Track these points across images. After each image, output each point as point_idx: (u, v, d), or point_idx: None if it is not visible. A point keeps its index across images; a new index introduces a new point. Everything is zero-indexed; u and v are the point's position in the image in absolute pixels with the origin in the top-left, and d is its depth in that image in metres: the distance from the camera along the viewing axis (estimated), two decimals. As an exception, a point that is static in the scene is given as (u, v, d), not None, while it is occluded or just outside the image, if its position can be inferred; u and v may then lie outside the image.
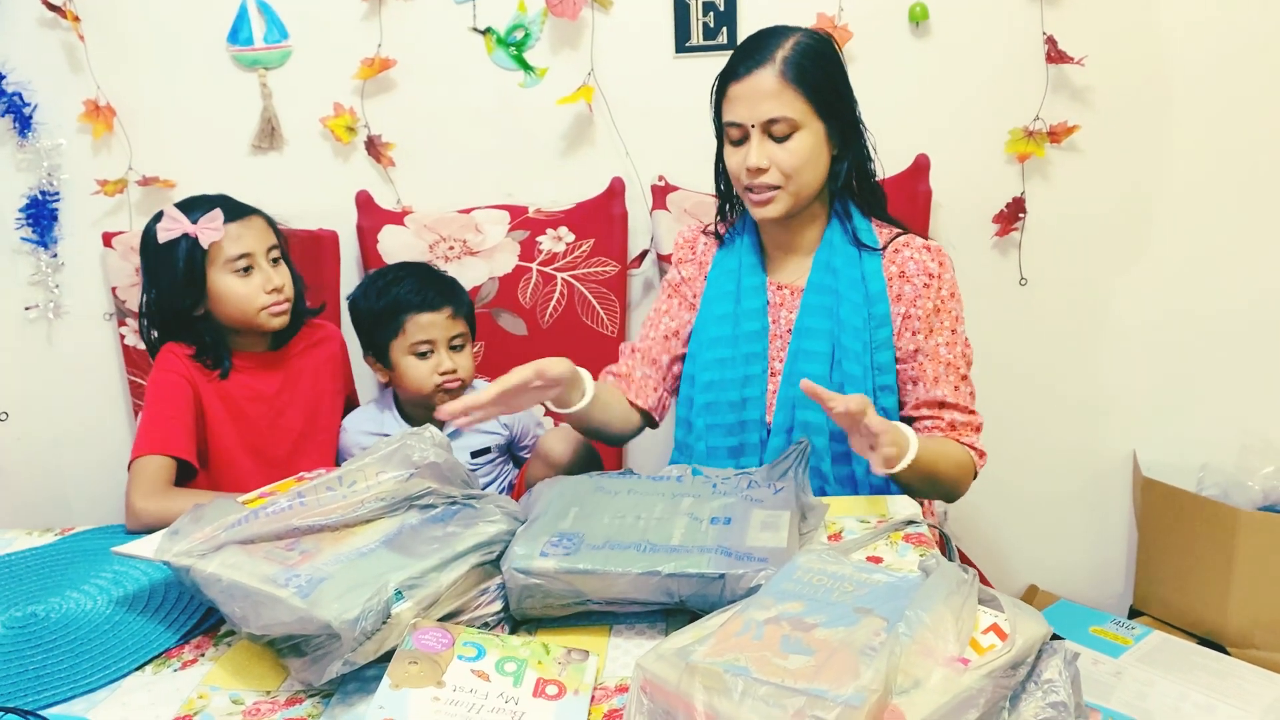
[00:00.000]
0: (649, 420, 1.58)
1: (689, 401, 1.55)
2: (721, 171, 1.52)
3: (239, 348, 1.68)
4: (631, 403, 1.56)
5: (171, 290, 1.62)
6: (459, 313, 1.73)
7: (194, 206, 1.62)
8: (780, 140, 1.39)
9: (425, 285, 1.73)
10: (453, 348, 1.73)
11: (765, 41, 1.40)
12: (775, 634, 0.90)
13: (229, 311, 1.63)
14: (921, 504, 1.21)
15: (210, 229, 1.59)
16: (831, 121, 1.42)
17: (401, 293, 1.72)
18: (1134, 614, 2.11)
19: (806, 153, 1.40)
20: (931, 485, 1.41)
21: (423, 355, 1.71)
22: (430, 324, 1.70)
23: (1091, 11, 1.91)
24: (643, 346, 1.60)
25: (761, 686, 0.82)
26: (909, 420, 1.50)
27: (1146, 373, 2.09)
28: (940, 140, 1.97)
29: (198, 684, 1.03)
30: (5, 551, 1.35)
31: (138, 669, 1.07)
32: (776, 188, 1.41)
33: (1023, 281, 2.07)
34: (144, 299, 1.67)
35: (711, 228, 1.61)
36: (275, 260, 1.67)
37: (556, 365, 1.34)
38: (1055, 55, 1.91)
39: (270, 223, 1.69)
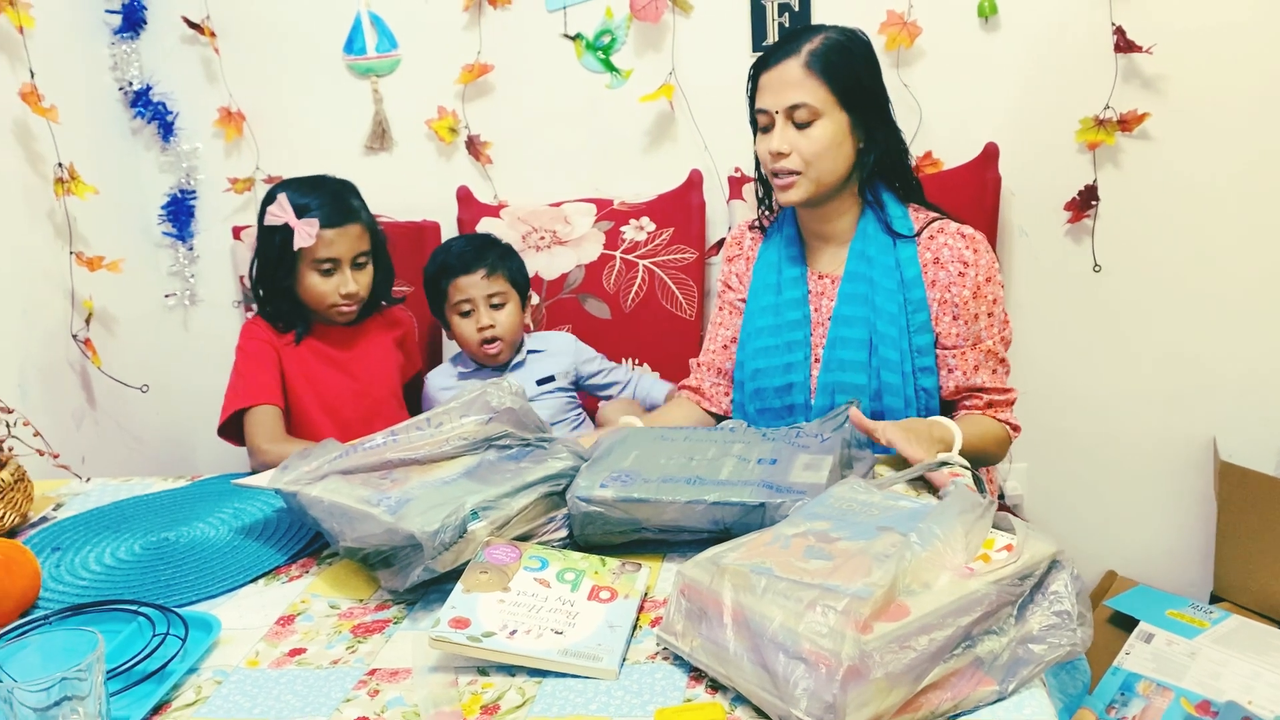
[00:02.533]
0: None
1: (740, 386, 1.66)
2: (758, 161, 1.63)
3: (318, 320, 1.85)
4: (708, 411, 1.70)
5: (266, 263, 1.80)
6: (494, 272, 1.89)
7: (313, 189, 1.77)
8: (802, 127, 1.48)
9: (463, 250, 1.92)
10: (493, 306, 1.89)
11: (796, 36, 1.51)
12: (800, 544, 0.99)
13: (305, 298, 1.81)
14: (982, 479, 1.29)
15: (305, 232, 1.73)
16: (855, 113, 1.50)
17: (443, 260, 1.92)
18: (1214, 600, 2.11)
19: (827, 141, 1.48)
20: (973, 462, 1.49)
21: (465, 314, 1.90)
22: (467, 285, 1.88)
23: (1159, 0, 1.95)
24: (706, 360, 1.72)
25: (781, 582, 0.92)
26: (950, 403, 1.58)
27: (1225, 358, 2.09)
28: (1010, 129, 2.03)
29: (301, 592, 1.18)
30: (145, 492, 1.55)
31: (251, 582, 1.22)
32: (797, 173, 1.50)
33: (1097, 268, 2.10)
34: (253, 258, 1.85)
35: (755, 222, 1.71)
36: (361, 265, 1.80)
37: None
38: (1124, 45, 1.95)
39: (369, 228, 1.82)
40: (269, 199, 1.78)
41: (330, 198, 1.78)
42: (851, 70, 1.49)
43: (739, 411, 1.67)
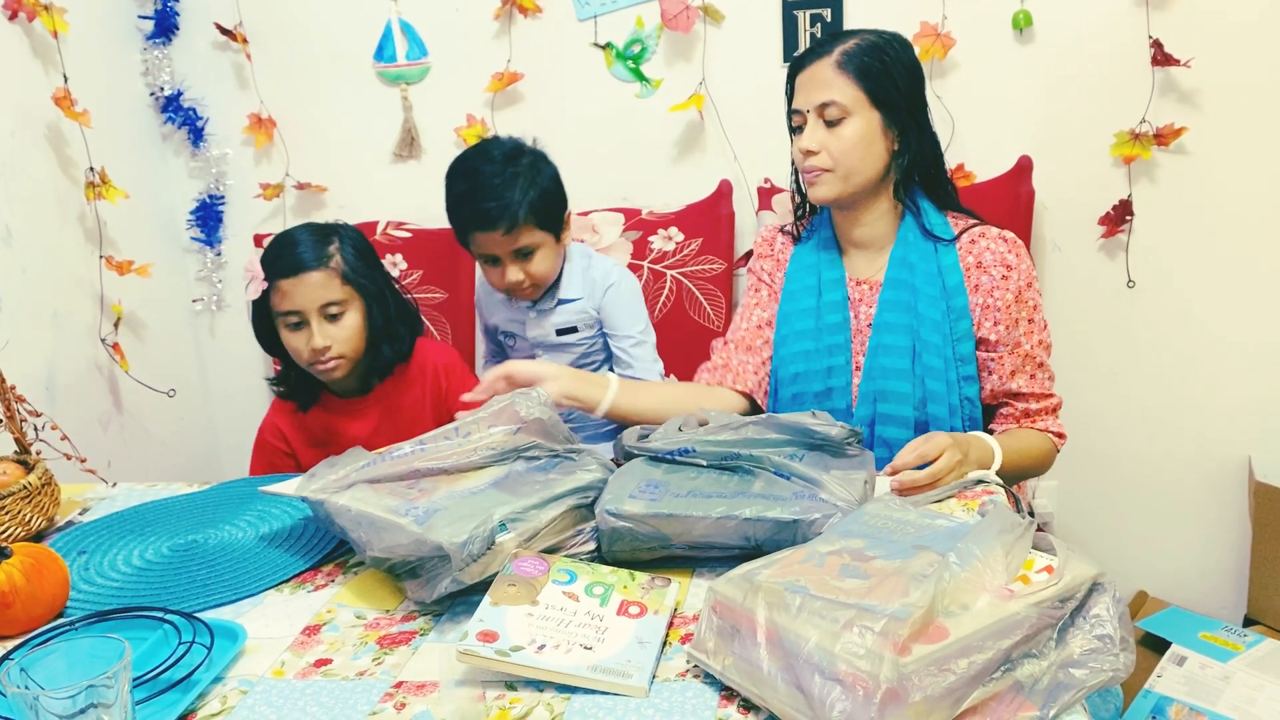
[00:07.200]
0: (755, 405, 1.64)
1: (773, 394, 1.63)
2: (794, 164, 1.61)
3: (328, 390, 1.72)
4: (734, 389, 1.63)
5: (258, 318, 1.69)
6: (515, 227, 1.66)
7: (290, 235, 1.64)
8: (832, 125, 1.48)
9: (481, 207, 1.67)
10: (521, 255, 1.71)
11: (833, 38, 1.51)
12: (836, 563, 0.98)
13: (291, 358, 1.67)
14: (1015, 496, 1.26)
15: (256, 284, 1.64)
16: (888, 112, 1.48)
17: (459, 218, 1.72)
18: (1248, 623, 2.07)
19: (856, 139, 1.47)
20: (1015, 477, 1.49)
21: (492, 262, 1.73)
22: (487, 241, 1.69)
23: (1199, 13, 1.92)
24: (735, 337, 1.67)
25: (816, 601, 0.90)
26: (991, 409, 1.56)
27: (1261, 376, 2.06)
28: (1044, 143, 2.01)
29: (327, 602, 1.17)
30: (169, 495, 1.55)
31: (276, 589, 1.21)
32: (826, 170, 1.49)
33: (1131, 284, 2.07)
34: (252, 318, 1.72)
35: (789, 227, 1.69)
36: (334, 316, 1.61)
37: (525, 371, 1.46)
38: (1161, 58, 1.92)
39: (343, 275, 1.61)
40: None
41: (294, 244, 1.61)
42: (884, 70, 1.48)
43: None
